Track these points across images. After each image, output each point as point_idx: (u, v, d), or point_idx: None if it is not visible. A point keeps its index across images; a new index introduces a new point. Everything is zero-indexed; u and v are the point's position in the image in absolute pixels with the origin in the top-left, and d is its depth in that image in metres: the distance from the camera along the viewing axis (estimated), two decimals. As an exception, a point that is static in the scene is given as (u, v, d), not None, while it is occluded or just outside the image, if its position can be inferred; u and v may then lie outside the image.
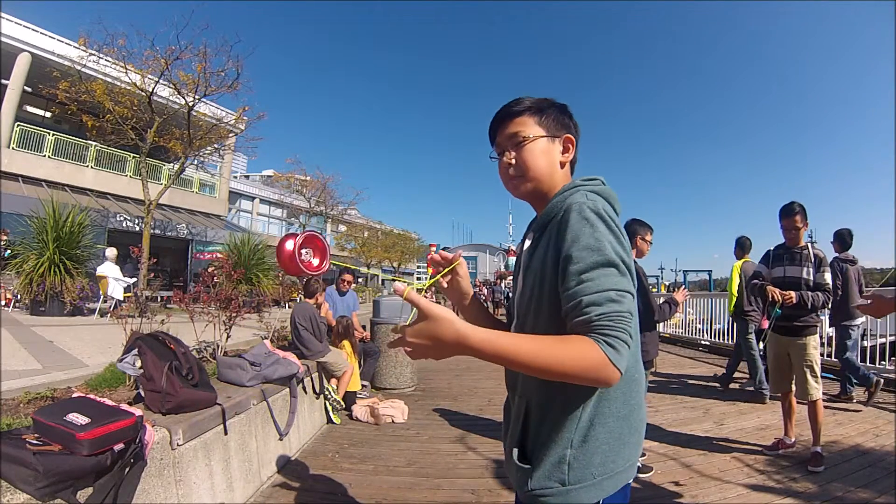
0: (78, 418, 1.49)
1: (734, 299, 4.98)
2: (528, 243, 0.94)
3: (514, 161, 0.91)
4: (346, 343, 4.58)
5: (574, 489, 0.81)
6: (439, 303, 0.91)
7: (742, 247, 5.07)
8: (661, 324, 5.73)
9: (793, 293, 2.90)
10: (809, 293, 2.91)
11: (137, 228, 12.76)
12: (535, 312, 0.87)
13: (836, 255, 4.59)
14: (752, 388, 4.69)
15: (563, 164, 0.94)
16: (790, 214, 3.02)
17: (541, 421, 0.86)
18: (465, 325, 0.69)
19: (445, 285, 1.01)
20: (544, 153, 0.90)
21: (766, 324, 5.37)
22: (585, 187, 0.87)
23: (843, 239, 4.64)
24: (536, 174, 0.90)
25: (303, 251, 0.93)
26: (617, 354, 0.69)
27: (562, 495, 0.81)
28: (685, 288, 3.55)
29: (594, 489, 0.81)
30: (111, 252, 8.17)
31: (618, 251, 0.76)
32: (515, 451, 0.88)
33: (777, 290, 2.94)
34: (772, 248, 3.24)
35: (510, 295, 1.13)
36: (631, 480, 0.87)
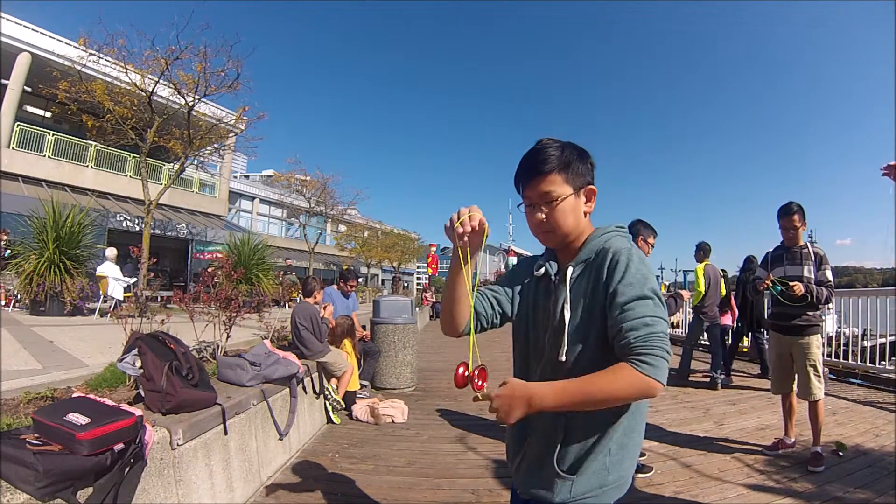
0: (78, 418, 1.48)
1: (700, 296, 5.42)
2: (570, 273, 1.00)
3: (545, 219, 1.01)
4: (346, 343, 4.58)
5: (607, 490, 0.96)
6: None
7: (704, 251, 5.54)
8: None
9: (799, 283, 2.90)
10: (814, 287, 2.92)
11: (137, 228, 12.77)
12: (583, 340, 0.97)
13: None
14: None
15: (586, 214, 1.04)
16: (788, 214, 3.02)
17: (585, 434, 0.96)
18: (536, 385, 0.89)
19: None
20: (573, 210, 1.01)
21: (723, 319, 5.79)
22: (621, 233, 1.03)
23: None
24: (566, 230, 1.01)
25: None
26: (653, 369, 0.83)
27: (598, 496, 0.95)
28: (688, 292, 4.00)
29: (616, 490, 0.97)
30: (111, 252, 8.17)
31: (653, 287, 0.91)
32: (555, 462, 0.97)
33: (798, 285, 2.93)
34: (770, 251, 3.23)
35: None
36: None
